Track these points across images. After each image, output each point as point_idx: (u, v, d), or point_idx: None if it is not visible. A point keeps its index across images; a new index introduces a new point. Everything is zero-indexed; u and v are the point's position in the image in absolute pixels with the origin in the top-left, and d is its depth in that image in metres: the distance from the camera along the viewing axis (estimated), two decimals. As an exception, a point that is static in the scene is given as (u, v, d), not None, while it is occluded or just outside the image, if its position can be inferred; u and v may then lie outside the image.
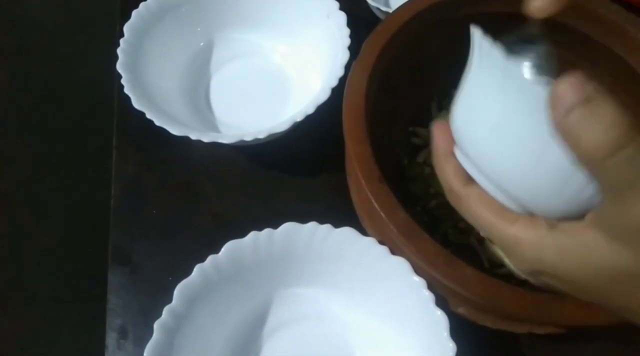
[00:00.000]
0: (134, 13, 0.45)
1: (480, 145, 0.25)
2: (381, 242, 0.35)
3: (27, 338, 0.49)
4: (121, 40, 0.43)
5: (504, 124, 0.23)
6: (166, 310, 0.33)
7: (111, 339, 0.41)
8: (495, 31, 0.24)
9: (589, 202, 0.22)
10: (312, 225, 0.36)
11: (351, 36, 0.43)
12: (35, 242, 0.53)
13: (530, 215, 0.25)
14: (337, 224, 0.37)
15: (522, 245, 0.24)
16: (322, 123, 0.40)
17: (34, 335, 0.50)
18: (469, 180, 0.26)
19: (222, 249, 0.35)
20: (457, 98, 0.26)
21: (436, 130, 0.28)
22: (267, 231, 0.36)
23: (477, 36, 0.24)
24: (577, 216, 0.23)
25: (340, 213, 0.38)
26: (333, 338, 0.38)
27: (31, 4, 0.57)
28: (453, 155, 0.27)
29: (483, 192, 0.26)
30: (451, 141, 0.27)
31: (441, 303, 0.34)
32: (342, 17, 0.44)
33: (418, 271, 0.34)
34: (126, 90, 0.41)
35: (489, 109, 0.24)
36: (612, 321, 0.31)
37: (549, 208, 0.24)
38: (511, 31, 0.26)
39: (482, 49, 0.24)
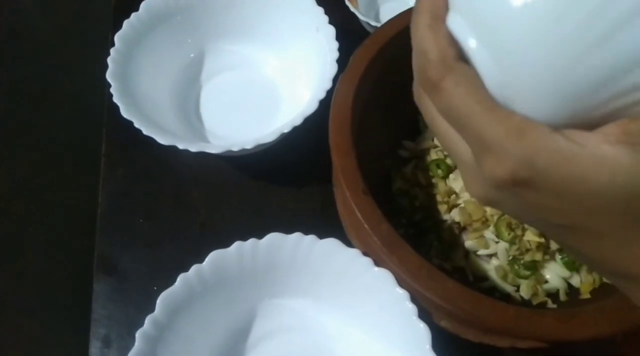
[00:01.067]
0: (125, 23, 0.45)
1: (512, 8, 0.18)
2: (365, 254, 0.36)
3: (9, 346, 0.49)
4: (111, 50, 0.44)
5: None
6: (148, 320, 0.33)
7: (95, 348, 0.40)
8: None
9: (611, 114, 0.18)
10: (296, 235, 0.36)
11: (340, 49, 0.44)
12: (20, 249, 0.52)
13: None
14: (323, 235, 0.37)
15: (513, 141, 0.18)
16: (310, 135, 0.41)
17: (16, 343, 0.50)
18: (461, 58, 0.20)
19: (206, 259, 0.35)
20: None
21: None
22: (251, 241, 0.36)
23: None
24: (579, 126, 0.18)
25: (326, 224, 0.39)
26: (317, 348, 0.38)
27: (23, 12, 0.57)
28: (444, 21, 0.21)
29: (478, 75, 0.20)
30: (444, 3, 0.21)
31: (424, 315, 0.34)
32: (331, 30, 0.45)
33: (401, 283, 0.34)
34: (115, 99, 0.41)
35: None
36: (594, 334, 0.31)
37: (559, 114, 0.18)
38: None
39: None
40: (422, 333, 0.33)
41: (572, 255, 0.22)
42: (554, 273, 0.40)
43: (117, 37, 0.44)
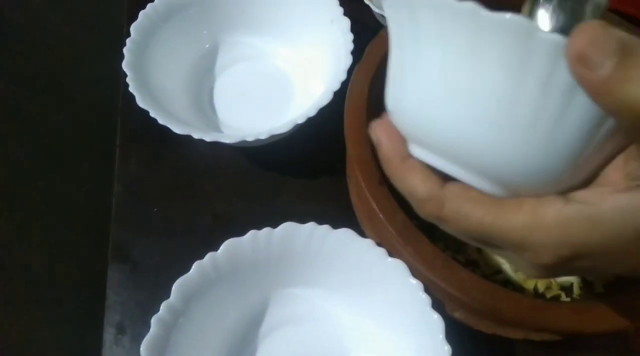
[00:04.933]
0: (141, 14, 0.45)
1: (451, 123, 0.19)
2: (379, 244, 0.36)
3: (24, 331, 0.49)
4: (127, 40, 0.44)
5: (486, 86, 0.18)
6: (164, 306, 0.33)
7: (109, 334, 0.41)
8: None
9: (596, 166, 0.19)
10: (310, 225, 0.36)
11: (354, 41, 0.44)
12: (35, 237, 0.53)
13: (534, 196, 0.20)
14: (336, 225, 0.37)
15: (539, 232, 0.19)
16: (324, 126, 0.41)
17: (30, 327, 0.50)
18: (444, 179, 0.21)
19: (221, 247, 0.35)
20: (399, 84, 0.21)
21: (379, 132, 0.23)
22: (266, 230, 0.36)
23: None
24: (579, 185, 0.20)
25: (340, 215, 0.39)
26: (329, 339, 0.38)
27: (37, 1, 0.57)
28: (410, 157, 0.22)
29: (466, 187, 0.21)
30: (401, 140, 0.22)
31: (438, 306, 0.34)
32: (346, 22, 0.45)
33: (415, 274, 0.34)
34: (131, 89, 0.41)
35: (461, 74, 0.19)
36: (608, 328, 0.31)
37: (551, 179, 0.19)
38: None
39: (435, 7, 0.18)
40: (435, 323, 0.33)
41: None
42: (568, 267, 0.39)
43: (133, 28, 0.45)
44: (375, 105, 0.37)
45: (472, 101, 0.18)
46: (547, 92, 0.17)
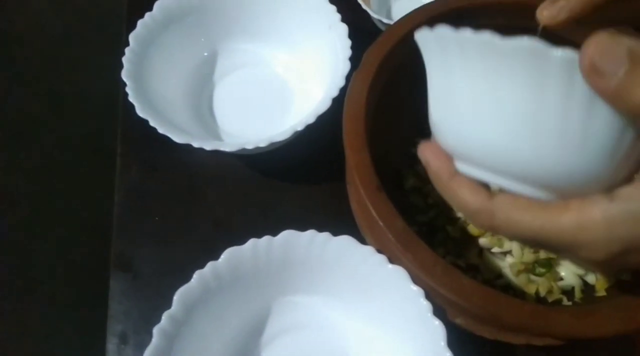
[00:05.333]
0: (140, 23, 0.46)
1: (489, 141, 0.21)
2: (379, 251, 0.36)
3: (27, 342, 0.50)
4: (126, 49, 0.44)
5: (513, 106, 0.20)
6: (165, 316, 0.33)
7: (111, 344, 0.41)
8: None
9: (634, 162, 0.20)
10: (310, 232, 0.36)
11: (352, 47, 0.44)
12: (37, 247, 0.53)
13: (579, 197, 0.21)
14: (336, 233, 0.37)
15: (588, 230, 0.20)
16: (323, 133, 0.41)
17: (34, 339, 0.50)
18: (491, 191, 0.23)
19: (222, 256, 0.35)
20: (439, 109, 0.24)
21: (427, 153, 0.25)
22: (266, 238, 0.36)
23: (439, 33, 0.22)
24: (621, 182, 0.21)
25: (340, 222, 0.39)
26: (330, 346, 0.38)
27: (37, 11, 0.58)
28: (458, 173, 0.24)
29: (513, 196, 0.22)
30: (448, 159, 0.24)
31: (439, 312, 0.34)
32: (343, 28, 0.45)
33: (416, 280, 0.34)
34: (130, 98, 0.41)
35: (490, 97, 0.21)
36: (610, 332, 0.31)
37: (591, 181, 0.21)
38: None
39: (459, 41, 0.21)
40: (437, 330, 0.33)
41: None
42: (569, 271, 0.39)
43: (132, 37, 0.45)
44: (373, 112, 0.37)
45: (504, 118, 0.20)
46: (570, 103, 0.19)
